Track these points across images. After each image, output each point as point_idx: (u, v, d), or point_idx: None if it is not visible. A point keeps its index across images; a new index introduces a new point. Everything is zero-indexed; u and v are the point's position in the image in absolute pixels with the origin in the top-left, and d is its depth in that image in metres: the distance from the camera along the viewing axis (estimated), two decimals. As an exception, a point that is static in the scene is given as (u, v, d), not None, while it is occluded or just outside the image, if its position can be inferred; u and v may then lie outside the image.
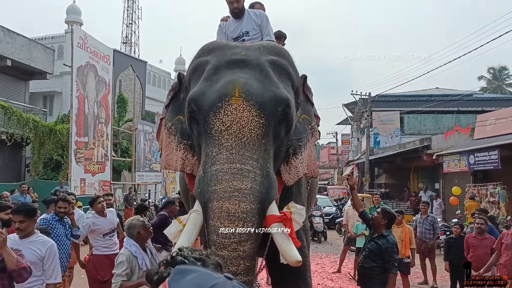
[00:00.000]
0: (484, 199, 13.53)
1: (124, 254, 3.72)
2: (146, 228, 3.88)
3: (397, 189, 22.51)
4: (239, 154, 2.75)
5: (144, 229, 3.85)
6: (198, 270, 1.21)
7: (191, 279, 1.15)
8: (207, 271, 1.20)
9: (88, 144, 15.03)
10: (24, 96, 19.75)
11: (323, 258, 10.84)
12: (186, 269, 1.21)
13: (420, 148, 18.05)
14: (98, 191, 14.95)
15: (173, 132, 3.38)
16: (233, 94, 2.82)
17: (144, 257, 3.79)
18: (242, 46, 3.24)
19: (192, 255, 1.33)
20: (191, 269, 1.21)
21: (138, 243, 3.80)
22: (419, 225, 8.46)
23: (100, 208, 5.86)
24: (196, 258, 1.32)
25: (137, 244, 3.80)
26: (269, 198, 2.79)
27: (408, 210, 17.07)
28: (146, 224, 3.92)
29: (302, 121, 3.39)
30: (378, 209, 9.17)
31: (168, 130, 3.39)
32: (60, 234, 5.04)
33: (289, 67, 3.23)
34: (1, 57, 17.19)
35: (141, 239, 3.83)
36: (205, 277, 1.16)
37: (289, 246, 2.71)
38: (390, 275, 4.30)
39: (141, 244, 3.83)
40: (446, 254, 7.03)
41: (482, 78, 41.48)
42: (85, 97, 14.97)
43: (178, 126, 3.37)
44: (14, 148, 16.69)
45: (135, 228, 3.84)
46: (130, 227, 3.89)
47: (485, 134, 15.43)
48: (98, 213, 5.90)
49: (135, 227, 3.85)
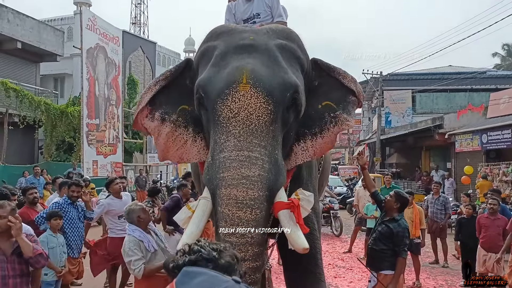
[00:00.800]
0: (496, 179, 13.42)
1: (129, 241, 3.75)
2: (146, 212, 3.94)
3: (409, 169, 22.38)
4: (247, 141, 2.73)
5: (143, 212, 3.91)
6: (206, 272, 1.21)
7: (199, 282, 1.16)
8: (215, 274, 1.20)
9: (99, 126, 15.13)
10: (35, 78, 19.88)
11: (334, 238, 10.90)
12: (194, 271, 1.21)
13: (432, 127, 17.89)
14: (111, 173, 15.13)
15: (182, 124, 3.27)
16: (240, 81, 2.78)
17: (150, 240, 3.84)
18: (250, 30, 3.18)
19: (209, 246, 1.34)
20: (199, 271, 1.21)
21: (140, 227, 3.85)
22: (430, 205, 8.43)
23: (117, 189, 5.96)
24: (213, 248, 1.33)
25: (139, 228, 3.85)
26: (277, 185, 2.78)
27: (420, 189, 17.01)
28: (145, 207, 3.99)
29: (321, 108, 3.24)
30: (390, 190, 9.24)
31: (174, 123, 3.25)
32: (73, 217, 5.11)
33: (298, 51, 3.15)
34: (11, 39, 17.27)
35: (142, 223, 3.88)
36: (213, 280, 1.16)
37: (297, 233, 2.72)
38: (400, 259, 4.26)
39: (143, 227, 3.88)
40: (457, 234, 7.00)
41: (496, 55, 40.71)
42: (95, 79, 15.01)
43: (187, 117, 3.27)
44: (27, 130, 16.87)
45: (135, 213, 3.90)
46: (129, 212, 3.93)
47: (499, 112, 15.21)
48: (114, 195, 5.98)
49: (135, 211, 3.91)
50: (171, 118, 3.26)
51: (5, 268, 3.28)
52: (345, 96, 3.25)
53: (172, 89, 3.31)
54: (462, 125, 16.63)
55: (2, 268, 3.27)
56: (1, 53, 17.83)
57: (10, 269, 3.30)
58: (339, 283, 6.87)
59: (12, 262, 3.32)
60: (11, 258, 3.32)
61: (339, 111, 3.20)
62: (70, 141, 17.77)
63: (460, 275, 7.07)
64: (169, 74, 3.31)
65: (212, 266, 1.29)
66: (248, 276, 2.60)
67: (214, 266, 1.30)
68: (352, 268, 7.74)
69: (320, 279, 3.59)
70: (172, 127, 3.25)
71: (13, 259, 3.33)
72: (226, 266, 1.32)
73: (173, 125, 3.25)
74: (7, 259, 3.30)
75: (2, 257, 3.30)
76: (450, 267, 7.92)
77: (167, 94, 3.30)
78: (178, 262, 1.30)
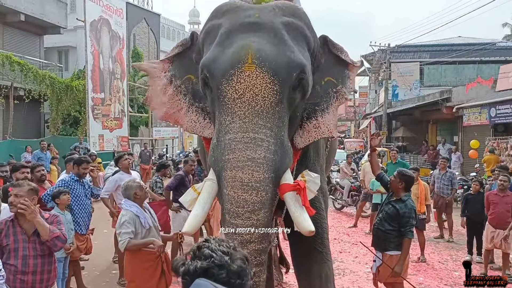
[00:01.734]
0: (503, 153, 13.33)
1: (126, 214, 3.87)
2: (142, 189, 4.04)
3: (415, 142, 22.26)
4: (252, 122, 2.69)
5: (140, 189, 4.02)
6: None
7: None
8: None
9: (104, 100, 15.10)
10: (39, 51, 19.74)
11: (340, 212, 10.95)
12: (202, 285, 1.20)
13: (439, 100, 17.67)
14: (117, 147, 15.19)
15: (183, 91, 3.30)
16: (245, 61, 2.72)
17: (146, 216, 3.95)
18: (256, 7, 3.09)
19: (219, 248, 1.32)
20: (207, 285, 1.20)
21: (136, 204, 3.96)
22: (437, 180, 8.41)
23: (126, 165, 6.04)
24: (224, 252, 1.31)
25: (136, 204, 3.96)
26: (283, 166, 2.75)
27: (426, 163, 16.97)
28: (142, 185, 4.08)
29: (324, 84, 3.23)
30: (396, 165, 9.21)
31: (176, 87, 3.30)
32: (79, 194, 5.14)
33: (305, 29, 3.06)
34: (14, 11, 17.07)
35: (138, 199, 4.00)
36: None
37: (302, 216, 2.70)
38: (406, 240, 4.24)
39: (139, 204, 3.99)
40: (463, 210, 7.00)
41: (506, 25, 39.85)
42: (99, 52, 14.89)
43: (189, 87, 3.30)
44: (32, 104, 16.85)
45: (132, 189, 4.00)
46: (126, 188, 4.04)
47: (508, 85, 14.96)
48: (123, 170, 6.03)
49: (132, 188, 4.01)
50: (176, 83, 3.32)
51: (26, 247, 3.27)
52: (342, 71, 3.29)
53: (181, 57, 3.37)
54: (471, 98, 16.42)
55: (24, 248, 3.26)
56: (5, 26, 17.66)
57: (31, 249, 3.29)
58: (344, 258, 6.93)
59: (33, 242, 3.30)
60: (33, 238, 3.31)
61: (339, 85, 3.24)
62: (76, 115, 17.78)
63: (465, 249, 7.11)
64: (184, 43, 3.38)
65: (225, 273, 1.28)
66: (254, 258, 2.60)
67: (227, 272, 1.29)
68: (358, 243, 7.79)
69: (327, 258, 3.59)
70: (174, 90, 3.30)
71: (34, 239, 3.31)
72: (238, 271, 1.31)
73: (174, 89, 3.30)
74: (29, 239, 3.30)
75: (24, 237, 3.29)
76: (455, 242, 7.96)
77: (179, 61, 3.37)
78: (189, 268, 1.29)
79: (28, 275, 3.26)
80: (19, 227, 3.31)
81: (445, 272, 6.28)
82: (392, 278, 4.32)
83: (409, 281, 4.46)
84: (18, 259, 3.24)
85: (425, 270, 6.40)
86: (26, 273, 3.26)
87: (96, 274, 6.08)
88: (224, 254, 1.30)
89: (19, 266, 3.23)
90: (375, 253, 4.46)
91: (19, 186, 3.38)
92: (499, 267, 6.29)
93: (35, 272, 3.30)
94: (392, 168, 9.40)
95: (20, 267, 3.23)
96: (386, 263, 4.26)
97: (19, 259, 3.24)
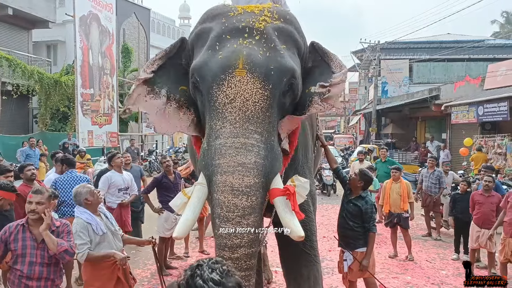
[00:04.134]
0: (491, 151, 13.50)
1: (77, 223, 3.66)
2: (93, 194, 3.80)
3: (404, 139, 22.44)
4: (243, 128, 2.71)
5: (91, 195, 3.78)
6: None
7: None
8: None
9: (94, 96, 14.98)
10: (28, 45, 19.51)
11: (329, 210, 11.02)
12: None
13: (428, 98, 17.82)
14: (106, 143, 15.09)
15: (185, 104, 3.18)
16: (236, 66, 2.73)
17: (98, 222, 3.72)
18: (247, 12, 3.09)
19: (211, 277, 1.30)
20: None
21: (88, 210, 3.74)
22: (425, 179, 8.50)
23: (119, 164, 6.03)
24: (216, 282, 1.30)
25: (88, 211, 3.74)
26: (273, 171, 2.77)
27: (415, 160, 17.13)
28: (93, 190, 3.86)
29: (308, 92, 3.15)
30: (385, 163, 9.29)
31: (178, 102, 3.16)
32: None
33: (295, 34, 3.09)
34: (2, 5, 16.87)
35: (90, 205, 3.77)
36: None
37: (292, 221, 2.72)
38: (370, 235, 4.50)
39: (92, 210, 3.77)
40: (451, 210, 7.10)
41: (495, 22, 40.29)
42: (89, 48, 14.76)
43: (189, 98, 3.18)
44: (21, 100, 16.69)
45: (82, 196, 3.77)
46: (76, 194, 3.81)
47: (496, 84, 15.16)
48: (115, 168, 6.03)
49: (81, 194, 3.77)
50: (175, 97, 3.18)
51: (34, 254, 3.24)
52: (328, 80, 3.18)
53: (170, 68, 3.23)
54: (459, 97, 16.59)
55: (31, 255, 3.23)
56: (-8, 20, 17.46)
57: (39, 256, 3.25)
58: (333, 257, 6.97)
59: (41, 250, 3.27)
60: (41, 245, 3.27)
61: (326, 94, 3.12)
62: (65, 111, 17.64)
63: (452, 248, 7.21)
64: (165, 54, 3.23)
65: None
66: (244, 262, 2.63)
67: None
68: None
69: (315, 260, 3.64)
70: (177, 106, 3.16)
71: (43, 247, 3.27)
72: None
73: (177, 104, 3.17)
74: (37, 246, 3.26)
75: (33, 243, 3.26)
76: (443, 241, 8.06)
77: (167, 73, 3.21)
78: None
79: (33, 281, 3.24)
80: (29, 232, 3.28)
81: (433, 271, 6.37)
82: (360, 273, 4.55)
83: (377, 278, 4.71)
84: (25, 265, 3.21)
85: (412, 269, 6.48)
86: (32, 279, 3.23)
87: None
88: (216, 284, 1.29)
89: (25, 272, 3.21)
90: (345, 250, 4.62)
91: (41, 193, 3.32)
92: (485, 266, 6.40)
93: (40, 279, 3.27)
94: (381, 166, 9.52)
95: (25, 273, 3.21)
96: (358, 260, 4.45)
97: (26, 265, 3.21)
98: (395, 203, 7.01)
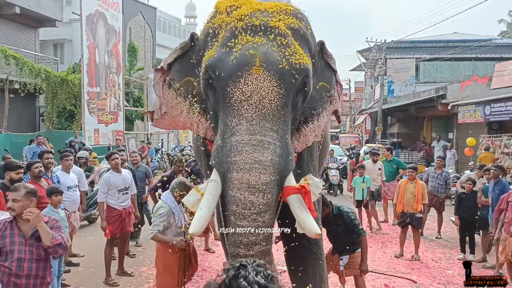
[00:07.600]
0: (498, 150, 13.40)
1: (164, 207, 4.11)
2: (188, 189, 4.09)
3: (410, 139, 22.34)
4: (259, 125, 2.73)
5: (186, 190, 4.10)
6: None
7: None
8: None
9: (100, 95, 15.03)
10: (35, 44, 19.62)
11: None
12: None
13: (435, 97, 17.71)
14: (112, 141, 15.12)
15: (183, 94, 3.29)
16: (253, 64, 2.75)
17: (180, 215, 4.17)
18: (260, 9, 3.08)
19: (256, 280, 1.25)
20: None
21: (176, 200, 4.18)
22: (432, 179, 8.43)
23: (113, 165, 5.92)
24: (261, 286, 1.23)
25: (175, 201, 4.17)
26: (287, 169, 2.80)
27: (421, 160, 17.06)
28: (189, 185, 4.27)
29: (319, 89, 3.30)
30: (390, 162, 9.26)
31: (175, 90, 3.30)
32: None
33: (307, 33, 3.12)
34: (10, 4, 16.95)
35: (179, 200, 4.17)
36: None
37: (308, 218, 2.75)
38: (362, 238, 4.57)
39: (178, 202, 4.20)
40: (456, 209, 7.06)
41: (502, 21, 39.94)
42: (95, 46, 14.80)
43: (188, 89, 3.29)
44: (28, 98, 16.78)
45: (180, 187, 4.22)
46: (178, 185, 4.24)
47: (503, 83, 15.05)
48: (113, 169, 5.98)
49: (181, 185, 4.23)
50: (173, 86, 3.30)
51: (22, 251, 3.19)
52: (332, 76, 3.44)
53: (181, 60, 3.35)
54: (466, 96, 16.49)
55: (19, 251, 3.19)
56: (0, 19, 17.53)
57: (27, 252, 3.21)
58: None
59: (30, 246, 3.23)
60: (30, 241, 3.23)
61: (332, 90, 3.36)
62: (71, 109, 17.71)
63: (458, 248, 7.18)
64: (183, 46, 3.36)
65: None
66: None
67: None
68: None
69: (321, 258, 3.65)
70: (174, 94, 3.30)
71: (31, 243, 3.24)
72: None
73: (174, 92, 3.30)
74: (26, 242, 3.22)
75: (21, 239, 3.22)
76: (449, 241, 8.02)
77: (179, 64, 3.36)
78: None
79: (22, 279, 3.19)
80: (17, 229, 3.24)
81: (439, 271, 6.34)
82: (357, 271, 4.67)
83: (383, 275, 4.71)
84: (13, 261, 3.16)
85: (418, 268, 6.45)
86: (20, 276, 3.18)
87: (92, 271, 6.07)
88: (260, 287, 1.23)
89: (13, 269, 3.16)
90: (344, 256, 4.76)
91: (16, 190, 3.32)
92: (492, 266, 6.36)
93: (29, 276, 3.21)
94: (387, 165, 9.47)
95: (14, 270, 3.16)
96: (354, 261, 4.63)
97: (14, 261, 3.16)
98: (409, 203, 6.93)
